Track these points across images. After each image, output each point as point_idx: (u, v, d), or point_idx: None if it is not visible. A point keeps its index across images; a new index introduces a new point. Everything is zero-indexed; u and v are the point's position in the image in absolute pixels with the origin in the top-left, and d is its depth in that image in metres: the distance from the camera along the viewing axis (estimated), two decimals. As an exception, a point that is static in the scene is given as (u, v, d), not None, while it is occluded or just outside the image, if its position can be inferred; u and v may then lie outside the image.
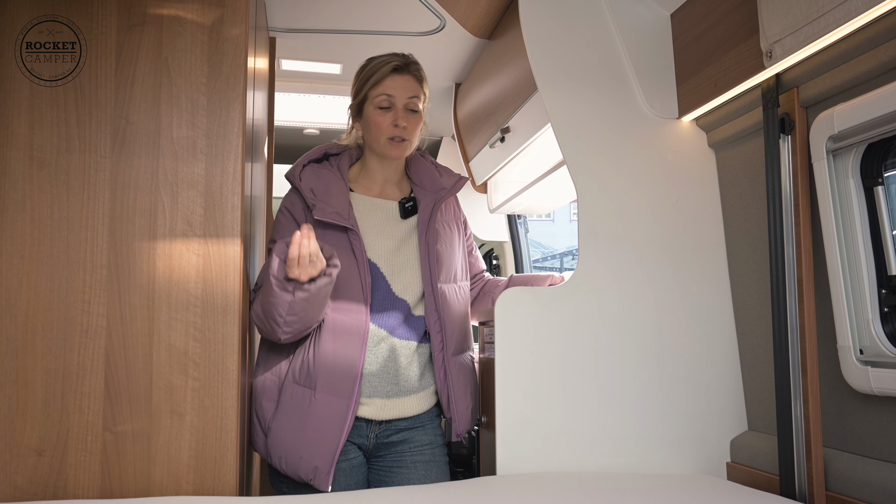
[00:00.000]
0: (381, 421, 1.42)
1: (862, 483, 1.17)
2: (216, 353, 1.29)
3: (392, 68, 1.42)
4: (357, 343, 1.35)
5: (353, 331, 1.36)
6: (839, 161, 1.21)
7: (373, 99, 1.42)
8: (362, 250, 1.39)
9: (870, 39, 1.11)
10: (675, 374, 1.53)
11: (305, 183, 1.43)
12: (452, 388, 1.44)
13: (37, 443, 1.23)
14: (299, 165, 1.48)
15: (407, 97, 1.42)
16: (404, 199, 1.50)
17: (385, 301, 1.41)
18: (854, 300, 1.19)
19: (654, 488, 1.29)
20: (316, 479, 1.33)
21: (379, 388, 1.40)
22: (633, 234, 1.54)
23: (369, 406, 1.39)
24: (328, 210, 1.38)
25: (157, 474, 1.26)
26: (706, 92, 1.47)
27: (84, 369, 1.26)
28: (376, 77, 1.42)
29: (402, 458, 1.43)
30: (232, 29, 1.32)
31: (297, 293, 1.26)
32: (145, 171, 1.30)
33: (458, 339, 1.47)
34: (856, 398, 1.21)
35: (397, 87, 1.41)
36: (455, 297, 1.48)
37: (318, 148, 1.52)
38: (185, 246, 1.30)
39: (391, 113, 1.41)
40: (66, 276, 1.26)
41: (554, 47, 1.56)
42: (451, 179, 1.53)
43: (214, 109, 1.32)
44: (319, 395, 1.33)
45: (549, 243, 14.48)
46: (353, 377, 1.34)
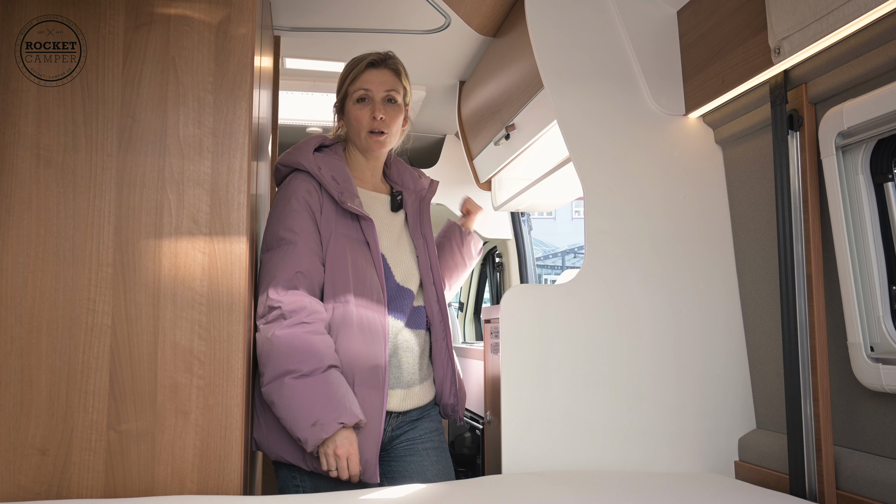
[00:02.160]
0: (400, 412, 1.42)
1: (873, 481, 1.16)
2: (221, 352, 1.29)
3: (368, 63, 1.45)
4: (380, 334, 1.36)
5: (375, 323, 1.36)
6: (848, 157, 1.20)
7: (352, 94, 1.46)
8: (376, 242, 1.40)
9: (879, 35, 1.11)
10: (682, 371, 1.53)
11: (326, 170, 1.41)
12: (455, 373, 1.49)
13: (41, 442, 1.23)
14: (308, 151, 1.45)
15: (384, 90, 1.44)
16: (395, 192, 1.52)
17: (394, 292, 1.43)
18: (864, 297, 1.18)
19: (661, 487, 1.28)
20: (367, 474, 1.32)
21: (401, 379, 1.41)
22: (639, 231, 1.54)
23: (393, 398, 1.40)
24: (356, 199, 1.40)
25: (162, 473, 1.26)
26: (713, 88, 1.46)
27: (89, 368, 1.25)
28: (354, 73, 1.46)
29: (413, 447, 1.44)
30: (239, 28, 1.32)
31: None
32: (152, 169, 1.30)
33: (446, 322, 1.52)
34: (866, 395, 1.20)
35: (374, 80, 1.44)
36: (440, 284, 1.54)
37: (314, 138, 1.51)
38: (190, 244, 1.30)
39: (369, 106, 1.44)
40: (72, 274, 1.26)
41: (560, 45, 1.56)
42: (427, 181, 1.59)
43: (221, 108, 1.32)
44: (358, 390, 1.32)
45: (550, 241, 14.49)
46: (381, 367, 1.35)
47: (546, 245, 12.68)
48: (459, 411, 1.50)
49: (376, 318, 1.36)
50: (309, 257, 1.35)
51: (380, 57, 1.47)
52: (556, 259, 12.99)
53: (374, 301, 1.37)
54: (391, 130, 1.46)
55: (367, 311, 1.36)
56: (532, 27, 1.54)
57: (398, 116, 1.47)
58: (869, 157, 1.18)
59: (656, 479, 1.36)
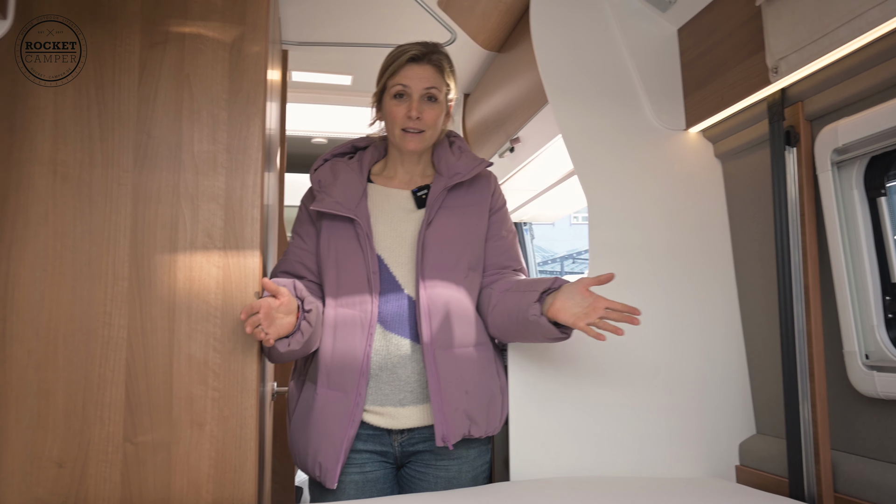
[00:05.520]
0: (402, 430, 1.36)
1: (869, 484, 1.20)
2: (236, 364, 1.31)
3: (409, 58, 1.37)
4: (359, 337, 1.31)
5: (355, 324, 1.32)
6: (843, 173, 1.25)
7: (389, 89, 1.39)
8: (368, 241, 1.34)
9: (873, 57, 1.16)
10: (684, 379, 1.56)
11: (316, 176, 1.44)
12: (443, 384, 1.30)
13: (58, 454, 1.24)
14: (321, 159, 1.49)
15: (423, 87, 1.37)
16: (417, 189, 1.43)
17: (390, 296, 1.34)
18: (859, 307, 1.22)
19: (664, 491, 1.31)
20: (322, 476, 1.32)
21: (390, 396, 1.33)
22: (642, 243, 1.57)
23: (383, 416, 1.34)
24: (327, 200, 1.37)
25: (177, 484, 1.27)
26: (713, 105, 1.51)
27: (105, 380, 1.27)
28: (394, 67, 1.38)
29: (429, 466, 1.39)
30: (253, 46, 1.35)
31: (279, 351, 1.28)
32: (167, 184, 1.32)
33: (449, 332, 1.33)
34: (862, 402, 1.25)
35: (413, 76, 1.37)
36: (453, 285, 1.35)
37: (345, 142, 1.52)
38: (205, 258, 1.32)
39: (406, 103, 1.37)
40: (88, 288, 1.28)
41: (564, 63, 1.59)
42: (468, 164, 1.42)
43: (235, 124, 1.34)
44: (321, 390, 1.33)
45: (549, 247, 14.55)
46: (354, 371, 1.30)
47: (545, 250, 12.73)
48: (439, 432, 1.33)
49: (357, 318, 1.32)
50: (298, 259, 1.43)
51: (422, 51, 1.38)
52: (555, 264, 13.06)
53: (356, 302, 1.33)
54: (428, 129, 1.38)
55: (346, 311, 1.33)
56: (537, 46, 1.58)
57: (437, 115, 1.39)
58: (863, 172, 1.23)
59: (659, 483, 1.39)
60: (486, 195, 1.44)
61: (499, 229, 1.45)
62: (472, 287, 1.40)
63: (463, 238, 1.38)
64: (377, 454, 1.38)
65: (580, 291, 1.23)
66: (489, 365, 1.39)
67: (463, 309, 1.36)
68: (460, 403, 1.32)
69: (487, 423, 1.37)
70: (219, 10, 1.34)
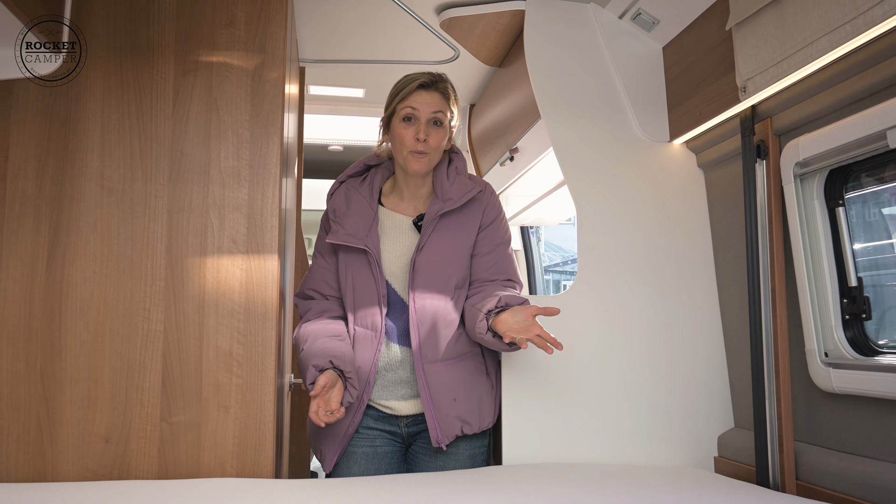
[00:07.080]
0: (406, 415, 1.51)
1: (827, 473, 1.29)
2: (257, 355, 1.45)
3: (419, 84, 1.46)
4: (370, 350, 1.48)
5: (367, 339, 1.48)
6: (806, 184, 1.34)
7: (399, 112, 1.48)
8: (378, 269, 1.48)
9: (829, 78, 1.25)
10: (667, 376, 1.64)
11: (331, 204, 1.57)
12: (433, 394, 1.44)
13: (105, 431, 1.40)
14: (336, 182, 1.58)
15: (431, 112, 1.46)
16: (417, 218, 1.53)
17: (395, 313, 1.49)
18: (819, 308, 1.31)
19: (647, 479, 1.40)
20: (322, 463, 1.52)
21: (393, 392, 1.49)
22: (628, 248, 1.66)
23: (389, 408, 1.50)
24: (341, 233, 1.49)
25: (206, 459, 1.42)
26: (693, 119, 1.61)
27: (144, 367, 1.42)
28: (404, 92, 1.47)
29: (429, 445, 1.52)
30: (272, 72, 1.51)
31: None
32: (197, 196, 1.47)
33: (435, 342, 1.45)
34: (822, 396, 1.34)
35: (422, 101, 1.46)
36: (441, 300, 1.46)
37: (359, 161, 1.61)
38: (230, 261, 1.47)
39: (414, 126, 1.46)
40: (130, 287, 1.44)
41: (556, 78, 1.70)
42: (460, 191, 1.48)
43: (256, 142, 1.49)
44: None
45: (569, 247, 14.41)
46: (362, 379, 1.46)
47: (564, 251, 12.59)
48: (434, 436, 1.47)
49: (370, 335, 1.48)
50: (322, 278, 1.57)
51: (431, 79, 1.48)
52: (574, 265, 12.90)
53: (369, 320, 1.48)
54: (433, 152, 1.47)
55: (361, 329, 1.49)
56: (531, 64, 1.69)
57: (442, 139, 1.48)
58: (823, 184, 1.32)
59: (643, 471, 1.48)
60: (478, 214, 1.52)
61: (486, 244, 1.52)
62: (459, 302, 1.51)
63: (451, 261, 1.48)
64: (386, 433, 1.53)
65: (525, 315, 1.32)
66: (477, 370, 1.51)
67: (449, 322, 1.48)
68: (451, 410, 1.44)
69: (480, 421, 1.49)
70: (242, 41, 1.50)
